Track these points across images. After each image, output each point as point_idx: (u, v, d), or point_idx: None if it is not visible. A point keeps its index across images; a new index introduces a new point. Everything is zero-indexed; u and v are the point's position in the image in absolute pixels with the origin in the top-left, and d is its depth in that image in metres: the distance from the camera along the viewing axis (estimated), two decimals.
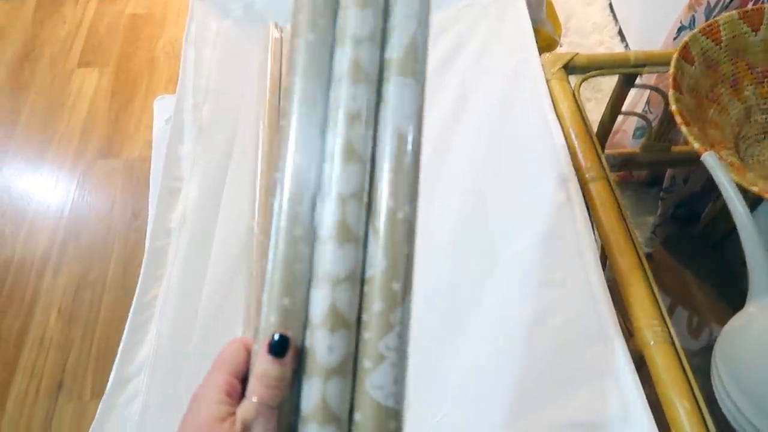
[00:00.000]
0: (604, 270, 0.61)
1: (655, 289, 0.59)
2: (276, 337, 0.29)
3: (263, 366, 0.29)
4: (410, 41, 0.33)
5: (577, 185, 0.66)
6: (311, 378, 0.30)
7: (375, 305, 0.31)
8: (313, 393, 0.30)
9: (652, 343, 0.55)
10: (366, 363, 0.30)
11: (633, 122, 1.15)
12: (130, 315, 0.55)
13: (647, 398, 0.51)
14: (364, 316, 0.31)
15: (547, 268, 0.61)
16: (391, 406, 0.30)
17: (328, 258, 0.31)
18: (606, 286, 0.58)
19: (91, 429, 0.48)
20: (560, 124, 0.72)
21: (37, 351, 1.16)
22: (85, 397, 1.08)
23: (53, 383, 1.12)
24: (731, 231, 1.07)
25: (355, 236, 0.31)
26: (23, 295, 1.25)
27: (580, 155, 0.71)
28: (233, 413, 0.28)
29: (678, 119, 0.61)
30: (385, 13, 0.34)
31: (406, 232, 0.32)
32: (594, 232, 0.64)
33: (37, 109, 1.64)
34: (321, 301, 0.30)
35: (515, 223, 0.65)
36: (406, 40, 0.33)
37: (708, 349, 0.84)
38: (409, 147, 0.32)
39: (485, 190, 0.68)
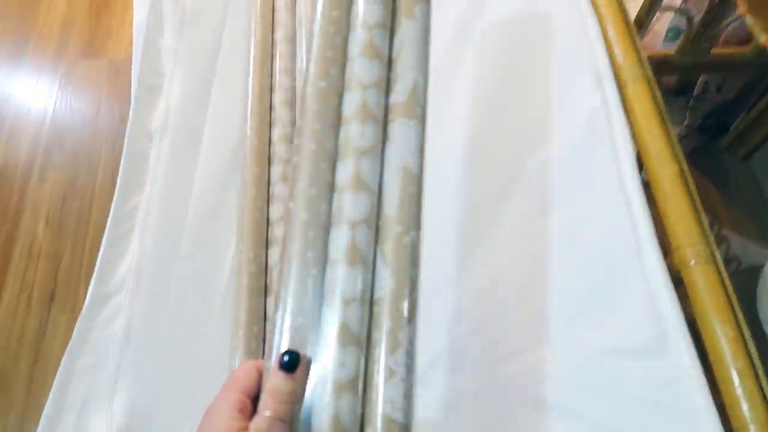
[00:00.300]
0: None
1: (699, 204, 0.53)
2: (287, 353, 0.30)
3: (275, 381, 0.30)
4: (413, 86, 0.37)
5: (614, 86, 0.58)
6: (323, 394, 0.31)
7: (385, 324, 0.32)
8: (325, 409, 0.30)
9: (692, 263, 0.49)
10: (377, 379, 0.31)
11: (665, 22, 1.04)
12: (107, 226, 0.49)
13: None
14: (375, 335, 0.32)
15: (577, 179, 0.54)
16: (401, 421, 0.31)
17: (340, 279, 0.33)
18: (644, 199, 0.51)
19: (68, 351, 0.44)
20: (595, 13, 0.63)
21: (27, 261, 1.12)
22: (78, 309, 1.04)
23: (45, 294, 1.09)
24: (762, 143, 0.99)
25: (365, 259, 0.33)
26: (8, 203, 1.19)
27: (617, 52, 0.62)
28: (245, 429, 0.29)
29: (741, 8, 0.52)
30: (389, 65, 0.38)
31: (411, 256, 0.34)
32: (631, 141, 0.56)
33: (10, 4, 1.50)
34: (333, 320, 0.32)
35: (541, 129, 0.58)
36: (409, 85, 0.37)
37: (737, 271, 0.79)
38: (414, 179, 0.35)
39: (507, 92, 0.60)
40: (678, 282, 0.50)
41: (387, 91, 0.37)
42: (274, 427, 0.29)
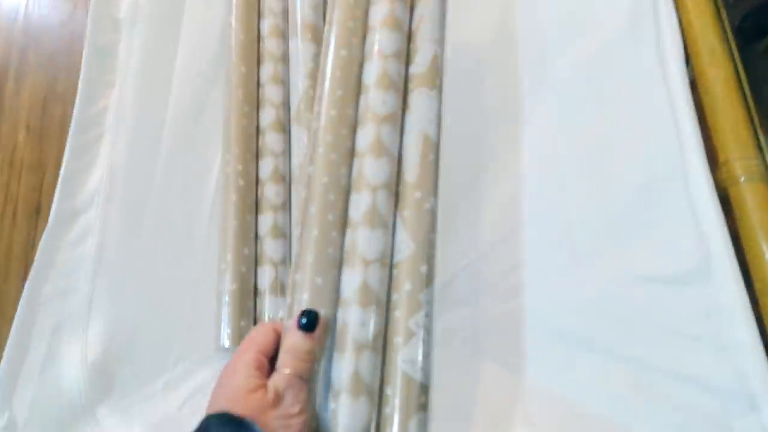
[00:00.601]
0: None
1: (754, 114, 0.46)
2: (305, 313, 0.31)
3: (293, 340, 0.31)
4: (432, 58, 0.38)
5: None
6: (343, 353, 0.32)
7: (405, 286, 0.33)
8: (345, 367, 0.31)
9: (743, 179, 0.43)
10: (397, 339, 0.32)
11: None
12: (70, 133, 0.42)
13: None
14: (394, 296, 0.33)
15: (613, 81, 0.47)
16: (420, 380, 0.31)
17: (360, 240, 0.33)
18: (692, 104, 0.44)
19: (31, 275, 0.39)
20: None
21: (9, 173, 1.05)
22: None
23: (31, 207, 1.03)
24: None
25: (385, 222, 0.34)
26: None
27: None
28: (263, 386, 0.29)
29: None
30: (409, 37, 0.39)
31: (431, 221, 0.35)
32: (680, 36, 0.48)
33: None
34: (353, 280, 0.33)
35: (573, 27, 0.50)
36: (429, 56, 0.38)
37: None
38: (432, 147, 0.36)
39: None
40: (723, 201, 0.44)
41: (407, 62, 0.39)
42: (292, 383, 0.29)
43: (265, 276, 0.43)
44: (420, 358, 0.32)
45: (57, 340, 0.38)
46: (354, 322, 0.32)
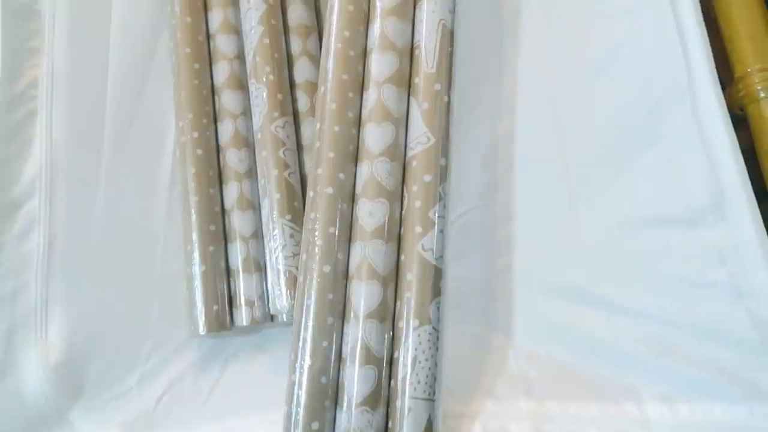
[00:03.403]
0: None
1: None
2: None
3: None
4: None
5: None
6: (354, 242, 0.34)
7: (425, 177, 0.34)
8: (356, 254, 0.34)
9: (762, 95, 0.38)
10: (417, 228, 0.33)
11: None
12: None
13: None
14: (414, 188, 0.34)
15: None
16: (440, 267, 0.33)
17: (367, 136, 0.35)
18: (699, 9, 0.38)
19: None
20: None
21: None
22: None
23: None
24: None
25: (395, 118, 0.35)
26: None
27: None
28: None
29: None
30: None
31: (449, 114, 0.36)
32: None
33: None
34: (363, 174, 0.35)
35: None
36: None
37: None
38: (450, 37, 0.37)
39: None
40: (739, 122, 0.39)
41: None
42: None
43: (236, 253, 0.39)
44: (439, 247, 0.33)
45: (11, 347, 0.35)
46: (362, 212, 0.34)
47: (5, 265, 0.37)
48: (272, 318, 0.39)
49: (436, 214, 0.33)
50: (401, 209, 0.34)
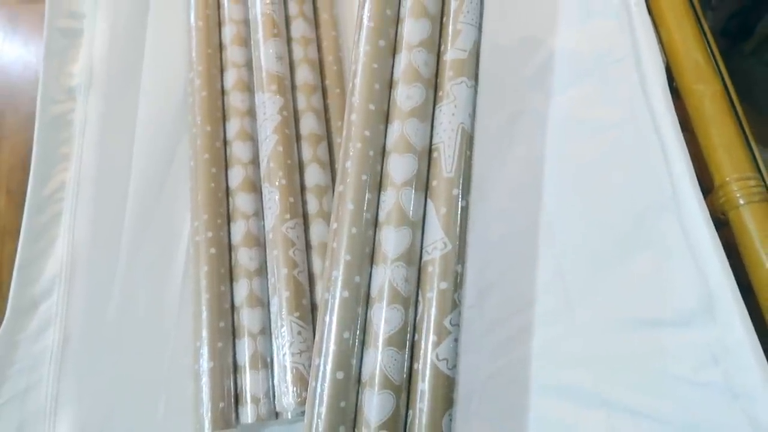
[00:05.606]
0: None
1: (748, 131, 0.44)
2: None
3: None
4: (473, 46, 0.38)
5: None
6: (368, 348, 0.34)
7: (441, 284, 0.33)
8: (369, 361, 0.33)
9: (742, 202, 0.41)
10: (432, 338, 0.33)
11: None
12: (24, 217, 0.40)
13: None
14: (428, 294, 0.34)
15: (596, 105, 0.45)
16: (453, 377, 0.33)
17: (384, 240, 0.35)
18: (678, 126, 0.42)
19: None
20: None
21: None
22: None
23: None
24: None
25: (412, 222, 0.35)
26: None
27: None
28: None
29: None
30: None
31: (466, 219, 0.35)
32: (661, 53, 0.46)
33: None
34: (378, 278, 0.35)
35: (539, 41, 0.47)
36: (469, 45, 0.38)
37: None
38: (469, 141, 0.37)
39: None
40: (723, 226, 0.42)
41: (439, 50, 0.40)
42: None
43: (244, 349, 0.40)
44: (453, 356, 0.33)
45: None
46: (377, 318, 0.33)
47: (20, 363, 0.37)
48: (277, 415, 0.39)
49: (451, 323, 0.33)
50: (416, 314, 0.34)
